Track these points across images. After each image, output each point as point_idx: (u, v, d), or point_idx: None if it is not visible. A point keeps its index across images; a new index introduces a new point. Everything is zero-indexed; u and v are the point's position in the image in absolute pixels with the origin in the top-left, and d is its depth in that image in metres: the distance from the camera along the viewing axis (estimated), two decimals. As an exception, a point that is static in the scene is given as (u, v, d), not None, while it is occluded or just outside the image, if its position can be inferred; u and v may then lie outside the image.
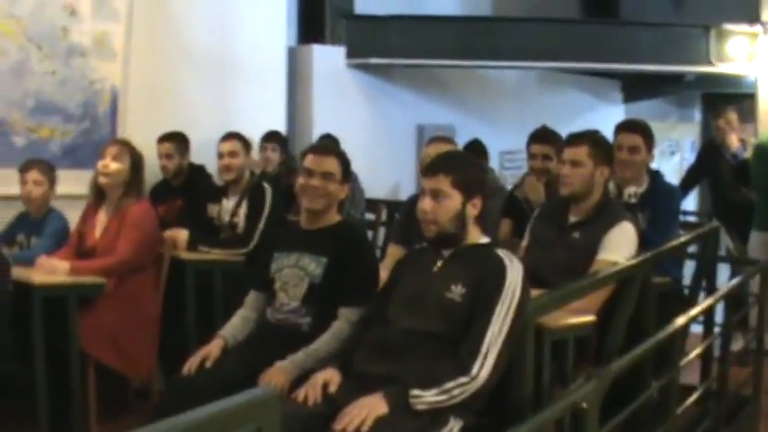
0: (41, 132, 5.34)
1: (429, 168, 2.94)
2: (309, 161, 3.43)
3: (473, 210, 2.89)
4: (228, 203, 5.20)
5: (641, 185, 4.24)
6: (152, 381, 4.68)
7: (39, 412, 4.01)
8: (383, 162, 7.82)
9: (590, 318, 3.24)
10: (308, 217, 3.48)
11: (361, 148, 3.53)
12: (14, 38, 5.15)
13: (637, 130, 4.29)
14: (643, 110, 11.29)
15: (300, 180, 3.44)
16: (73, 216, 4.83)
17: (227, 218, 5.16)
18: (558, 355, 3.01)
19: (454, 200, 2.86)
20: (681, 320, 3.57)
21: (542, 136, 4.89)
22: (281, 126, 6.82)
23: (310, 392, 2.79)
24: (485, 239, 2.97)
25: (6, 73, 5.12)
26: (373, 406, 2.61)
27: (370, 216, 6.76)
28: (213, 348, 3.34)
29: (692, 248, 4.59)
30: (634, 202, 4.12)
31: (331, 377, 2.84)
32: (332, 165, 3.43)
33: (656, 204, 4.21)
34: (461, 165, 2.97)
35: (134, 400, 4.79)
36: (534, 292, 2.92)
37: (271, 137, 6.44)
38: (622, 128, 4.37)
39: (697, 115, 13.35)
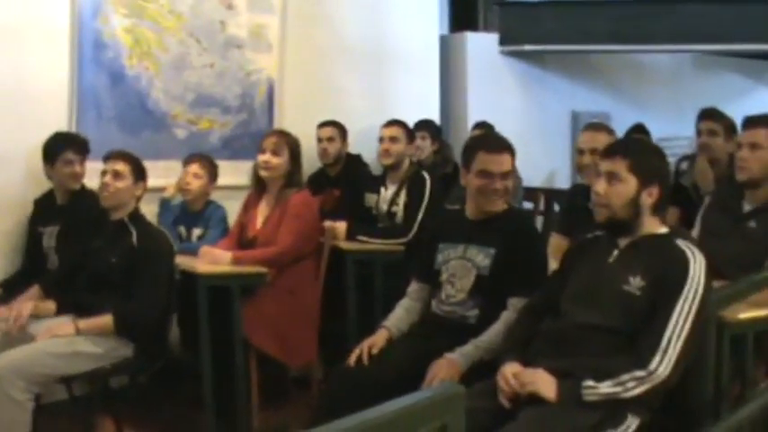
0: (201, 124, 5.41)
1: (607, 150, 2.83)
2: (488, 162, 3.31)
3: (648, 198, 2.73)
4: (387, 193, 5.17)
5: None
6: (312, 370, 4.70)
7: (204, 397, 4.08)
8: (538, 150, 7.68)
9: (772, 311, 3.05)
10: (474, 207, 3.40)
11: (515, 135, 3.48)
12: (175, 33, 5.24)
13: None
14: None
15: (477, 181, 3.32)
16: (231, 206, 4.90)
17: (385, 207, 5.12)
18: (736, 352, 2.85)
19: (629, 185, 2.71)
20: None
21: (710, 113, 4.80)
22: (434, 114, 6.76)
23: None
24: (663, 229, 2.80)
25: (168, 67, 5.21)
26: (543, 386, 2.57)
27: (527, 204, 6.64)
28: (378, 339, 3.31)
29: None
30: None
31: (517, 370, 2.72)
32: (509, 162, 3.36)
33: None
34: (641, 150, 2.84)
35: (293, 389, 4.84)
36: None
37: (422, 125, 6.33)
38: None
39: None
